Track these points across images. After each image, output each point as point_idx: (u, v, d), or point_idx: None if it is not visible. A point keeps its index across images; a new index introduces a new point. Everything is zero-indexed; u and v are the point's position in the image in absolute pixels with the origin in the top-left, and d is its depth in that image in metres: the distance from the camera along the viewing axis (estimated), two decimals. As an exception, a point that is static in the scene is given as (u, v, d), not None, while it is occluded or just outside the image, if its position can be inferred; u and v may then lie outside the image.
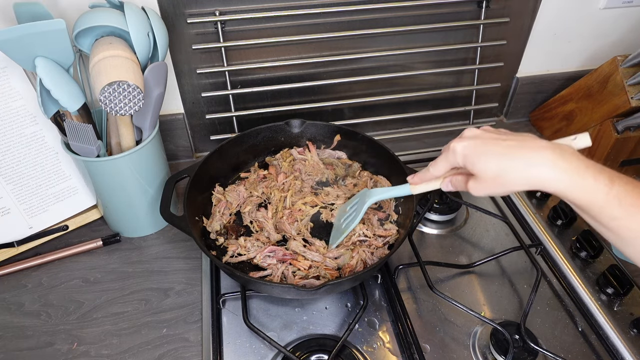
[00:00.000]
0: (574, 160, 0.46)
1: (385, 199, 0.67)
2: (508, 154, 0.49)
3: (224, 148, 0.85)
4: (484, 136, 0.52)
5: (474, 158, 0.51)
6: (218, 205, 0.81)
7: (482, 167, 0.50)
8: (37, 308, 0.74)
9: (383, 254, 0.73)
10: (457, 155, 0.53)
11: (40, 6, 0.67)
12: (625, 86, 0.90)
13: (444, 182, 0.59)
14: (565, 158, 0.46)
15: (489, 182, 0.51)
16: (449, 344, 0.70)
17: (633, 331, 0.71)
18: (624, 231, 0.45)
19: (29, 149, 0.78)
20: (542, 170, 0.46)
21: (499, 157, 0.49)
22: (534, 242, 0.84)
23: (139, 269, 0.80)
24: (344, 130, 0.91)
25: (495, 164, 0.49)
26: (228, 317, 0.73)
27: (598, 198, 0.45)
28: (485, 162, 0.50)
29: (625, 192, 0.44)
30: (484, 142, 0.51)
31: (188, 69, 0.91)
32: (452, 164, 0.55)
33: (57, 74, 0.66)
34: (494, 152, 0.50)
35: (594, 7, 1.00)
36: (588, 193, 0.45)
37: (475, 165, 0.51)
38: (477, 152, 0.51)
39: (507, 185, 0.49)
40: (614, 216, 0.45)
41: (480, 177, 0.51)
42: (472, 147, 0.52)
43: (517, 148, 0.48)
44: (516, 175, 0.48)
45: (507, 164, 0.48)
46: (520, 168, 0.48)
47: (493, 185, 0.51)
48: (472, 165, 0.51)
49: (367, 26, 0.92)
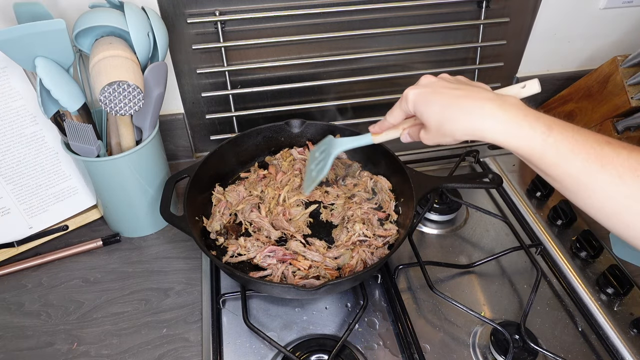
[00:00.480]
0: (512, 110, 0.46)
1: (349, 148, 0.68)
2: (451, 104, 0.49)
3: (224, 148, 0.85)
4: (436, 84, 0.53)
5: (421, 106, 0.52)
6: (218, 205, 0.81)
7: (427, 115, 0.51)
8: (37, 308, 0.74)
9: (383, 254, 0.73)
10: (408, 102, 0.54)
11: (40, 6, 0.67)
12: (625, 86, 0.90)
13: (403, 134, 0.60)
14: (505, 109, 0.47)
15: (434, 131, 0.52)
16: (449, 344, 0.70)
17: (633, 331, 0.71)
18: (565, 178, 0.45)
19: (29, 149, 0.78)
20: (480, 120, 0.47)
21: (442, 107, 0.50)
22: (534, 242, 0.84)
23: (139, 269, 0.80)
24: (344, 130, 0.91)
25: (438, 113, 0.50)
26: (228, 317, 0.73)
27: (536, 145, 0.45)
28: (431, 111, 0.51)
29: (563, 138, 0.44)
30: (434, 90, 0.52)
31: (188, 69, 0.91)
32: (405, 111, 0.56)
33: (57, 74, 0.66)
34: (439, 101, 0.50)
35: (594, 7, 1.00)
36: (525, 141, 0.46)
37: (423, 114, 0.52)
38: (425, 100, 0.52)
39: (448, 135, 0.50)
40: (553, 162, 0.45)
41: (427, 126, 0.52)
42: (421, 95, 0.52)
43: (460, 98, 0.49)
44: (456, 125, 0.49)
45: (448, 113, 0.49)
46: (460, 118, 0.48)
47: (437, 134, 0.52)
48: (420, 113, 0.52)
49: (367, 26, 0.92)
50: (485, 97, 0.48)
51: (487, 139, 0.48)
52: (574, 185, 0.45)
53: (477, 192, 0.96)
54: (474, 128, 0.48)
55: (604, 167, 0.42)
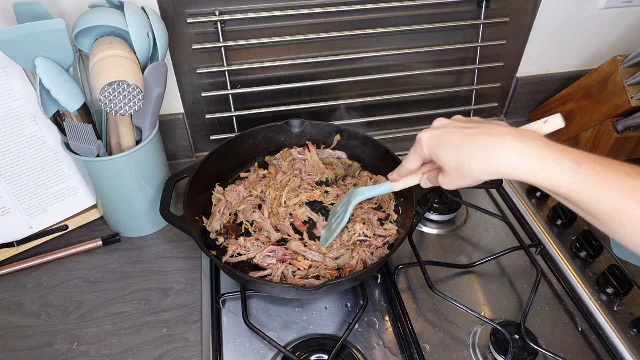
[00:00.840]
0: (535, 145, 0.44)
1: (368, 198, 0.68)
2: (467, 142, 0.47)
3: (224, 148, 0.85)
4: (449, 126, 0.50)
5: (436, 149, 0.50)
6: (218, 205, 0.81)
7: (444, 158, 0.49)
8: (37, 308, 0.74)
9: (383, 254, 0.73)
10: (423, 146, 0.52)
11: (40, 6, 0.67)
12: (625, 86, 0.90)
13: (422, 179, 0.57)
14: (527, 143, 0.44)
15: (454, 174, 0.49)
16: (449, 344, 0.70)
17: (633, 331, 0.71)
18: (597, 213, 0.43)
19: (29, 149, 0.78)
20: (502, 158, 0.44)
21: (458, 147, 0.47)
22: (534, 242, 0.84)
23: (139, 269, 0.80)
24: (344, 130, 0.91)
25: (454, 153, 0.48)
26: (228, 317, 0.73)
27: (563, 182, 0.43)
28: (447, 153, 0.48)
29: (592, 174, 0.42)
30: (448, 131, 0.49)
31: (188, 69, 0.91)
32: (420, 156, 0.54)
33: (57, 74, 0.66)
34: (454, 141, 0.48)
35: (594, 7, 1.00)
36: (552, 178, 0.43)
37: (439, 157, 0.50)
38: (440, 142, 0.49)
39: (468, 176, 0.47)
40: (582, 199, 0.43)
41: (445, 169, 0.50)
42: (435, 137, 0.50)
43: (476, 135, 0.46)
44: (476, 165, 0.46)
45: (466, 153, 0.46)
46: (479, 157, 0.45)
47: (456, 176, 0.49)
48: (437, 157, 0.50)
49: (367, 26, 0.92)
50: (504, 132, 0.45)
51: (511, 176, 0.45)
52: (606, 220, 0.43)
53: (477, 192, 0.96)
54: (495, 165, 0.45)
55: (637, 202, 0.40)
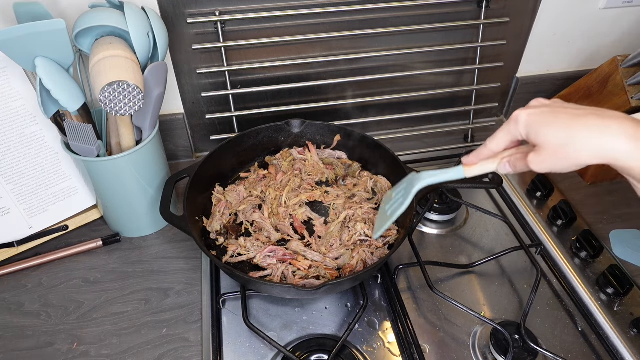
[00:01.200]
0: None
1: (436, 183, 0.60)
2: (578, 122, 0.44)
3: (224, 148, 0.85)
4: (552, 105, 0.48)
5: (538, 127, 0.46)
6: (218, 205, 0.81)
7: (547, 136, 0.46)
8: (37, 308, 0.74)
9: (383, 254, 0.73)
10: (519, 124, 0.48)
11: (40, 6, 0.67)
12: (625, 86, 0.90)
13: (502, 163, 0.52)
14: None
15: (552, 154, 0.46)
16: (449, 344, 0.70)
17: (633, 331, 0.71)
18: None
19: (29, 149, 0.78)
20: (616, 141, 0.42)
21: (567, 125, 0.44)
22: (534, 242, 0.84)
23: (139, 269, 0.80)
24: (344, 130, 0.91)
25: (562, 132, 0.44)
26: (228, 317, 0.73)
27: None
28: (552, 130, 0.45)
29: None
30: (552, 110, 0.46)
31: (188, 69, 0.91)
32: (513, 136, 0.50)
33: (57, 74, 0.66)
34: (562, 121, 0.45)
35: (594, 7, 1.00)
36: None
37: (539, 134, 0.46)
38: (544, 120, 0.46)
39: (572, 158, 0.45)
40: None
41: (544, 148, 0.46)
42: (538, 114, 0.47)
43: (588, 116, 0.44)
44: (585, 145, 0.43)
45: (576, 132, 0.43)
46: (590, 137, 0.43)
47: (557, 157, 0.46)
48: (536, 134, 0.46)
49: (367, 26, 0.92)
50: (621, 115, 0.43)
51: (619, 163, 0.43)
52: None
53: (477, 192, 0.96)
54: (605, 149, 0.42)
55: None
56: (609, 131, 0.42)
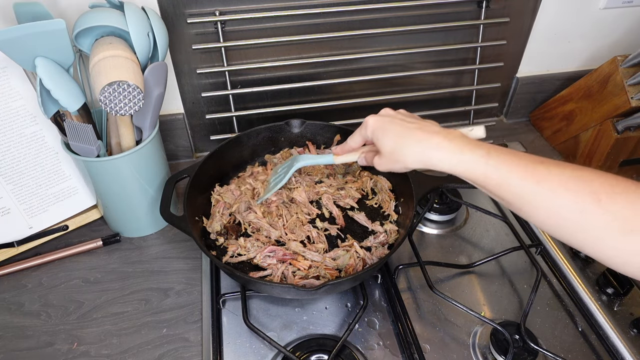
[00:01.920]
0: (456, 140, 0.53)
1: (311, 165, 0.75)
2: (405, 134, 0.56)
3: (224, 148, 0.85)
4: (394, 116, 0.59)
5: (379, 133, 0.59)
6: (217, 206, 0.81)
7: (383, 142, 0.58)
8: (37, 308, 0.74)
9: (383, 253, 0.73)
10: (367, 128, 0.60)
11: (40, 6, 0.67)
12: (625, 86, 0.90)
13: (360, 157, 0.66)
14: (450, 139, 0.53)
15: (388, 157, 0.58)
16: (449, 344, 0.70)
17: (633, 331, 0.71)
18: (509, 196, 0.49)
19: (29, 149, 0.78)
20: (430, 150, 0.53)
21: (397, 136, 0.56)
22: (534, 242, 0.84)
23: (139, 269, 0.80)
24: (344, 130, 0.91)
25: (393, 140, 0.57)
26: (228, 317, 0.73)
27: (478, 168, 0.50)
28: (387, 138, 0.57)
29: (501, 160, 0.49)
30: (391, 120, 0.58)
31: (188, 69, 0.91)
32: (364, 137, 0.63)
33: (57, 74, 0.66)
34: (396, 130, 0.57)
35: (594, 7, 1.00)
36: (469, 166, 0.51)
37: (378, 140, 0.59)
38: (383, 128, 0.58)
39: (400, 161, 0.56)
40: (496, 183, 0.49)
41: (382, 152, 0.59)
42: (380, 122, 0.59)
43: (414, 130, 0.55)
44: (408, 153, 0.55)
45: (402, 142, 0.56)
46: (412, 147, 0.55)
47: (391, 160, 0.58)
48: (377, 140, 0.59)
49: (367, 26, 0.92)
50: (435, 130, 0.55)
51: (436, 167, 0.53)
52: (517, 202, 0.49)
53: (477, 192, 0.95)
54: (424, 156, 0.54)
55: (539, 183, 0.46)
56: (429, 143, 0.54)
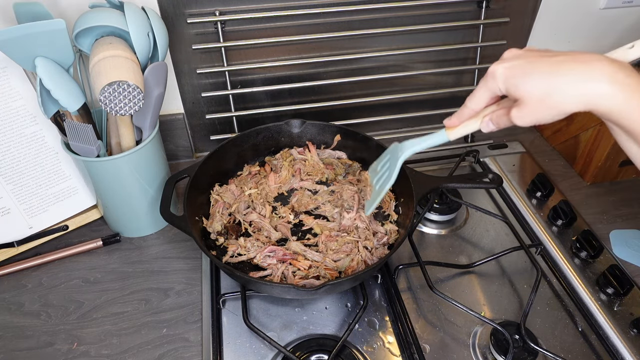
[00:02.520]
0: (634, 76, 0.41)
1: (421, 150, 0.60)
2: (558, 69, 0.43)
3: (224, 148, 0.85)
4: (527, 55, 0.46)
5: (517, 79, 0.45)
6: (216, 206, 0.81)
7: (527, 88, 0.44)
8: (37, 308, 0.74)
9: (383, 253, 0.73)
10: (497, 79, 0.47)
11: (40, 6, 0.67)
12: (625, 86, 0.90)
13: (484, 121, 0.51)
14: (625, 72, 0.41)
15: (536, 105, 0.45)
16: (449, 344, 0.70)
17: (633, 331, 0.71)
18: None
19: (29, 149, 0.78)
20: (599, 85, 0.41)
21: (547, 75, 0.43)
22: (534, 242, 0.84)
23: (139, 269, 0.80)
24: (344, 130, 0.91)
25: (543, 82, 0.43)
26: (228, 317, 0.73)
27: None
28: (532, 82, 0.44)
29: None
30: (529, 60, 0.45)
31: (188, 69, 0.91)
32: (492, 91, 0.49)
33: (57, 74, 0.66)
34: (541, 70, 0.44)
35: (594, 7, 1.00)
36: None
37: (519, 88, 0.45)
38: (522, 72, 0.45)
39: (557, 107, 0.44)
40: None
41: (526, 101, 0.45)
42: (515, 67, 0.46)
43: (568, 62, 0.43)
44: (569, 92, 0.42)
45: (557, 80, 0.43)
46: (573, 84, 0.42)
47: (541, 108, 0.44)
48: (516, 87, 0.45)
49: (367, 26, 0.92)
50: (598, 58, 0.42)
51: (601, 107, 0.42)
52: None
53: (477, 192, 0.96)
54: (589, 94, 0.42)
55: None
56: (589, 76, 0.42)
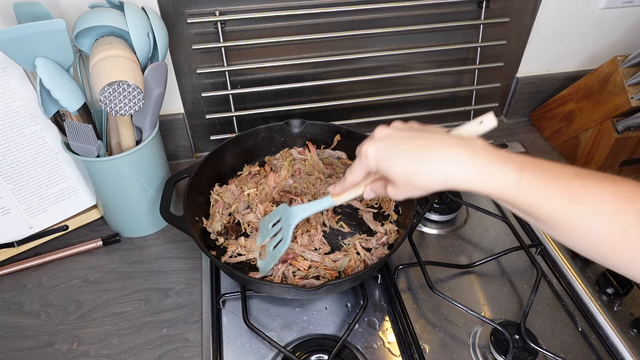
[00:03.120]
0: (482, 155, 0.45)
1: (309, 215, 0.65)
2: (418, 155, 0.48)
3: (224, 148, 0.85)
4: (394, 135, 0.51)
5: (386, 162, 0.50)
6: (216, 206, 0.81)
7: (394, 170, 0.49)
8: (37, 308, 0.74)
9: (383, 253, 0.73)
10: (369, 160, 0.51)
11: (40, 6, 0.67)
12: (625, 86, 0.90)
13: (366, 190, 0.57)
14: (475, 155, 0.45)
15: (405, 185, 0.49)
16: (449, 344, 0.70)
17: (633, 331, 0.71)
18: (542, 217, 0.45)
19: (29, 149, 0.78)
20: (452, 169, 0.46)
21: (409, 159, 0.48)
22: (534, 242, 0.84)
23: (139, 269, 0.80)
24: (344, 130, 0.91)
25: (406, 166, 0.48)
26: (228, 317, 0.73)
27: (510, 188, 0.44)
28: (397, 165, 0.49)
29: (534, 179, 0.44)
30: (394, 143, 0.50)
31: (188, 69, 0.91)
32: (366, 169, 0.53)
33: (57, 74, 0.66)
34: (404, 154, 0.48)
35: (594, 7, 1.00)
36: (499, 185, 0.45)
37: (389, 170, 0.50)
38: (388, 155, 0.50)
39: (423, 186, 0.48)
40: (528, 203, 0.44)
41: (395, 181, 0.50)
42: (382, 149, 0.50)
43: (426, 147, 0.47)
44: (428, 176, 0.47)
45: (418, 165, 0.47)
46: (430, 169, 0.47)
47: (409, 187, 0.49)
48: (386, 169, 0.50)
49: (367, 26, 0.92)
50: (452, 143, 0.47)
51: (460, 187, 0.46)
52: (550, 222, 0.45)
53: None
54: (445, 177, 0.46)
55: (578, 203, 0.42)
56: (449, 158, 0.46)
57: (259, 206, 0.80)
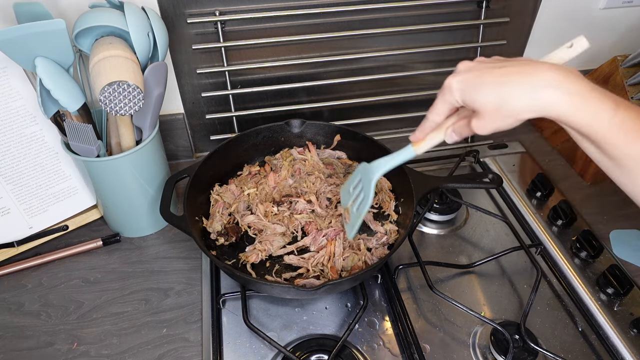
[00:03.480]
0: (578, 82, 0.43)
1: (391, 168, 0.61)
2: (507, 81, 0.45)
3: (224, 148, 0.85)
4: (478, 67, 0.49)
5: (471, 92, 0.48)
6: (216, 206, 0.81)
7: (481, 100, 0.47)
8: (37, 308, 0.74)
9: (383, 253, 0.73)
10: (453, 92, 0.49)
11: (40, 6, 0.67)
12: (625, 86, 0.90)
13: (448, 133, 0.53)
14: (570, 79, 0.43)
15: (491, 116, 0.47)
16: (449, 344, 0.70)
17: (633, 331, 0.71)
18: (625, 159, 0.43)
19: (29, 149, 0.78)
20: (546, 93, 0.44)
21: (497, 86, 0.46)
22: (534, 242, 0.84)
23: (139, 269, 0.80)
24: (344, 130, 0.91)
25: (494, 94, 0.46)
26: (228, 317, 0.73)
27: (602, 123, 0.43)
28: (484, 94, 0.46)
29: (629, 118, 0.42)
30: (480, 73, 0.48)
31: (188, 69, 0.91)
32: (450, 104, 0.51)
33: (57, 74, 0.66)
34: (491, 81, 0.46)
35: (594, 7, 1.00)
36: (592, 117, 0.43)
37: (475, 101, 0.47)
38: (474, 84, 0.47)
39: (510, 116, 0.46)
40: (616, 143, 0.43)
41: (483, 111, 0.47)
42: (467, 80, 0.48)
43: (516, 74, 0.45)
44: (519, 102, 0.45)
45: (507, 91, 0.45)
46: (522, 94, 0.45)
47: (498, 117, 0.47)
48: (472, 100, 0.48)
49: (367, 26, 0.92)
50: (544, 67, 0.44)
51: (552, 114, 0.44)
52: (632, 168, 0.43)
53: (477, 192, 0.96)
54: (538, 102, 0.44)
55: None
56: (536, 85, 0.44)
57: (259, 206, 0.80)
